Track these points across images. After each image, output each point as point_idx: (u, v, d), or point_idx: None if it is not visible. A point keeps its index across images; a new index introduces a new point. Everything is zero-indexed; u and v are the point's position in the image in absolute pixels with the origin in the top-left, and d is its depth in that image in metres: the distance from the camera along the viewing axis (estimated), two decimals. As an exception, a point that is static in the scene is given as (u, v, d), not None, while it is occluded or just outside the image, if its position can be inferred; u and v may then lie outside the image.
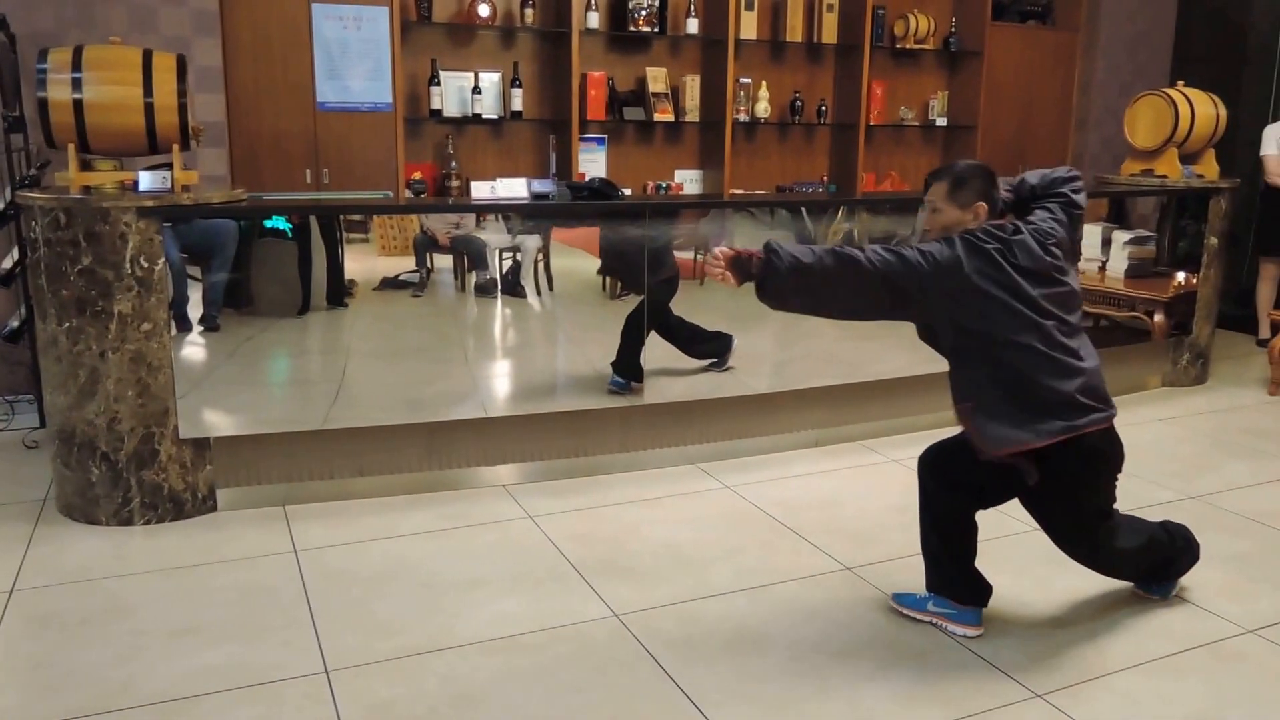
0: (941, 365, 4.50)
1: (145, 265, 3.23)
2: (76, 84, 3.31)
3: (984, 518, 2.78)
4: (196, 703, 2.39)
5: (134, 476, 3.32)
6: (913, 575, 3.09)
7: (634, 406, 3.97)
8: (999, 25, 6.19)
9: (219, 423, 3.45)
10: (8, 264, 3.94)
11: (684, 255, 4.16)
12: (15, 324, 3.99)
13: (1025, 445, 2.48)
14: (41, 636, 2.67)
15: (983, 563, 2.80)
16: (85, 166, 3.44)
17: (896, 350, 4.60)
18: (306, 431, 3.54)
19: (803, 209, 4.53)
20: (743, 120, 5.83)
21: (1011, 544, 3.32)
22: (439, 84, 5.22)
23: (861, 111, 5.97)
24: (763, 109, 5.88)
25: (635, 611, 2.85)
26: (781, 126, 6.06)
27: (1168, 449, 4.37)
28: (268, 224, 3.61)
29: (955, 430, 2.76)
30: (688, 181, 5.89)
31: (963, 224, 2.56)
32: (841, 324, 4.67)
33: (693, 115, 5.77)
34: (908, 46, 6.09)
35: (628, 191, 4.05)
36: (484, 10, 5.20)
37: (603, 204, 3.91)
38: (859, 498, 3.77)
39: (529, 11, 5.29)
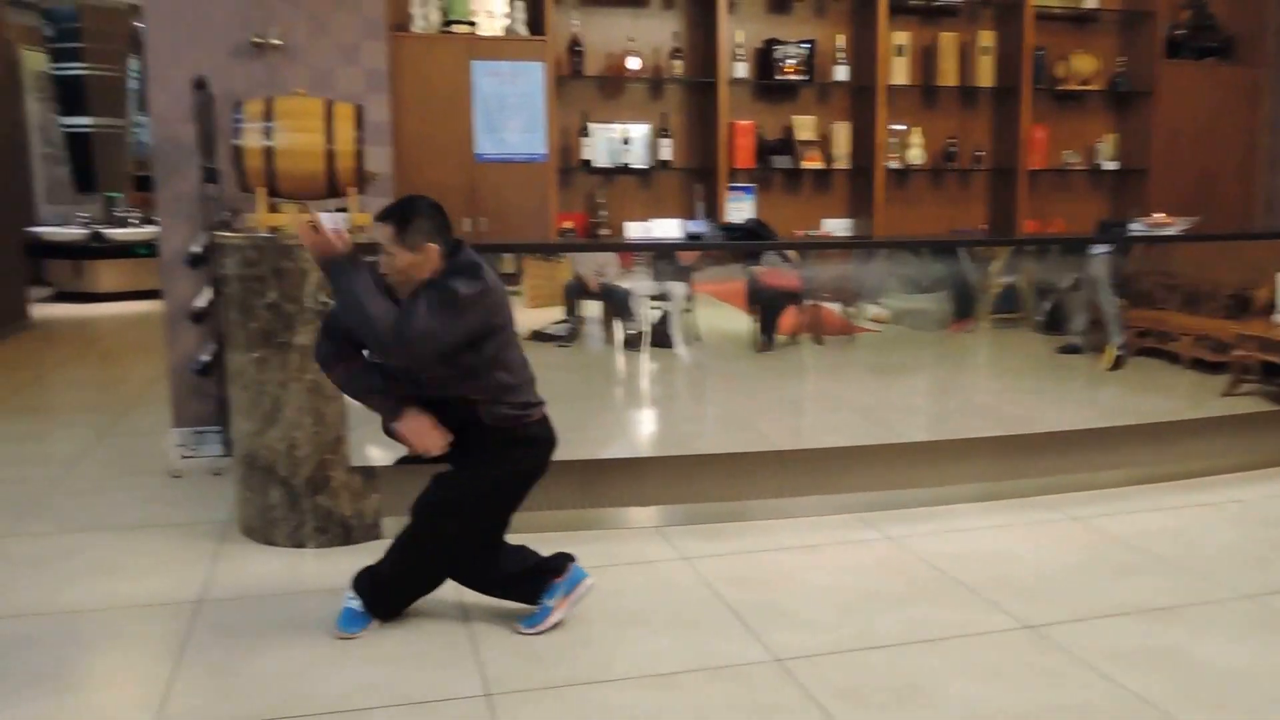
0: (1123, 419, 4.29)
1: (324, 300, 3.40)
2: (268, 132, 3.56)
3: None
4: (363, 715, 2.45)
5: (308, 501, 3.47)
6: (1106, 638, 2.88)
7: (790, 451, 3.91)
8: (1173, 63, 5.92)
9: (384, 454, 3.56)
10: (201, 303, 4.22)
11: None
12: (206, 359, 4.26)
13: None
14: (224, 645, 2.82)
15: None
16: (271, 209, 3.67)
17: (1067, 401, 4.39)
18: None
19: (960, 251, 4.41)
20: (894, 167, 5.75)
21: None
22: (589, 135, 5.37)
23: (1021, 157, 5.80)
24: (915, 155, 5.79)
25: (799, 657, 2.76)
26: (935, 173, 5.95)
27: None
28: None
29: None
30: (836, 230, 5.84)
31: (416, 266, 2.58)
32: (1004, 375, 4.53)
33: (842, 163, 5.73)
34: (1071, 88, 5.90)
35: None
36: (633, 63, 5.34)
37: (758, 244, 3.91)
38: (1035, 555, 3.54)
39: (677, 63, 5.40)
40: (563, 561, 2.94)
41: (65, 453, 4.71)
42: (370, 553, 3.45)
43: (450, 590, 3.14)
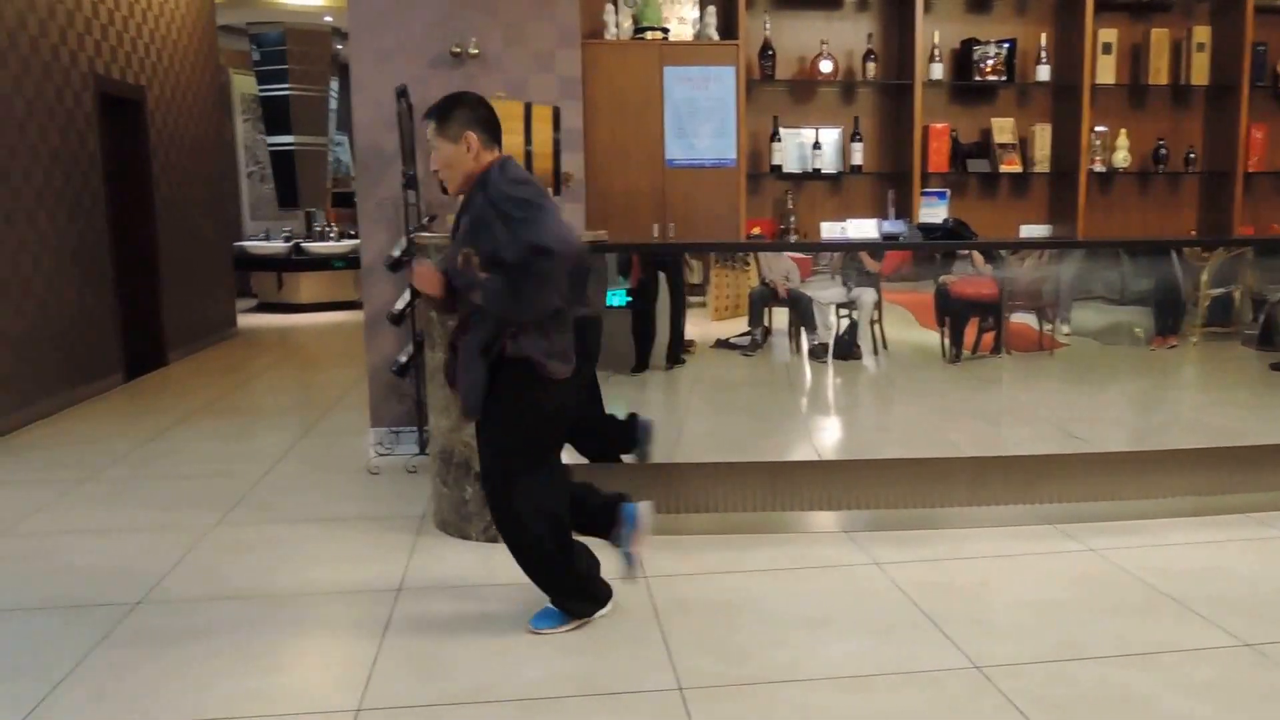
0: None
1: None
2: (470, 136, 3.68)
3: None
4: (557, 704, 2.47)
5: (501, 496, 3.54)
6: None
7: (983, 458, 3.73)
8: None
9: (571, 453, 3.59)
10: (400, 305, 4.42)
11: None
12: (403, 359, 4.45)
13: None
14: (422, 632, 2.90)
15: None
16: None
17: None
18: (654, 465, 3.60)
19: (1173, 252, 4.09)
20: (1098, 170, 5.43)
21: None
22: (779, 140, 5.31)
23: (1238, 159, 5.38)
24: (1121, 158, 5.46)
25: (999, 665, 2.62)
26: (1142, 176, 5.59)
27: None
28: (610, 300, 3.78)
29: None
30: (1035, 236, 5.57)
31: (460, 157, 2.66)
32: (1212, 389, 4.15)
33: (1042, 166, 5.47)
34: (1297, 84, 5.43)
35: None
36: (826, 66, 5.26)
37: (959, 243, 3.76)
38: (1253, 572, 3.27)
39: (871, 65, 5.28)
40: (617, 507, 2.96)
41: (270, 450, 5.00)
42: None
43: (640, 587, 3.15)
